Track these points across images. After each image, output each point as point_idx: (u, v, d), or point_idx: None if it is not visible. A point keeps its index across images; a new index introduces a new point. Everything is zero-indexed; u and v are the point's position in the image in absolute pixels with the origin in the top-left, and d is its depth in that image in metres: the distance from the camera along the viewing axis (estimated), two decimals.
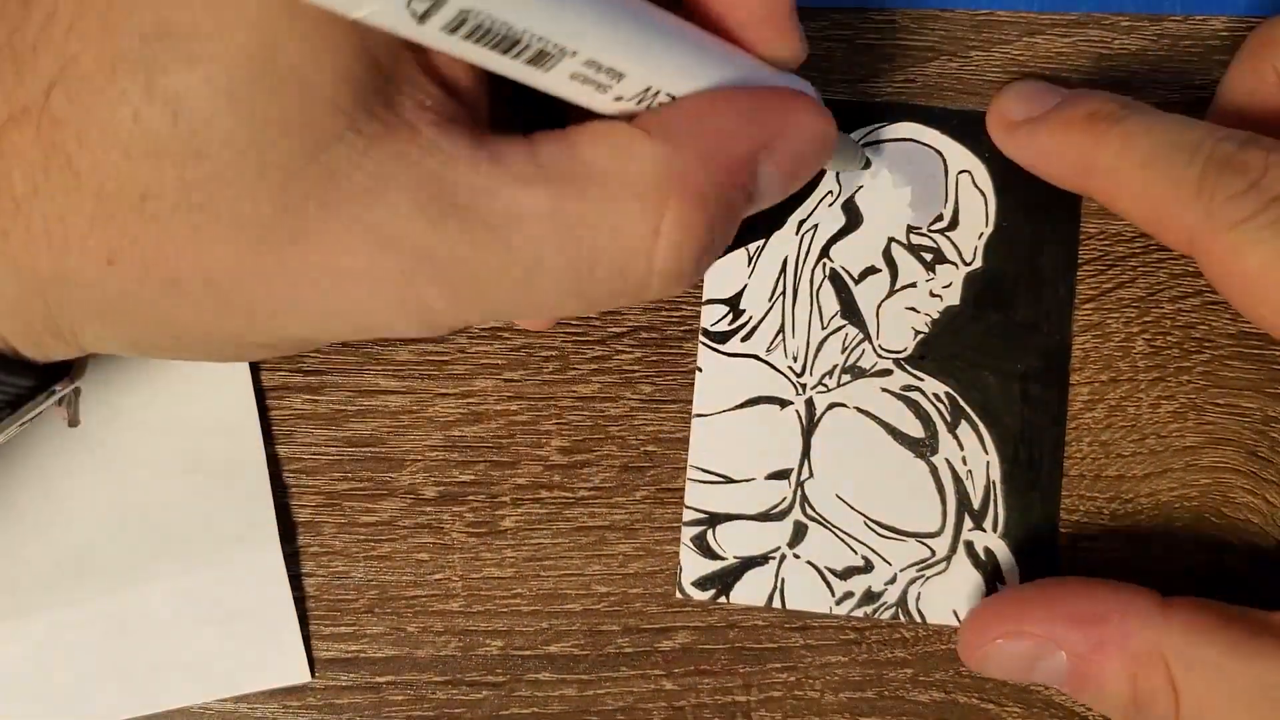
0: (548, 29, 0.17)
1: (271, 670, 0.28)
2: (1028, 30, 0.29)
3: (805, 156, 0.22)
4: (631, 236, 0.19)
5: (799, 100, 0.22)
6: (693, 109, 0.20)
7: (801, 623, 0.28)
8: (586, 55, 0.18)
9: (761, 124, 0.21)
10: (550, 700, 0.28)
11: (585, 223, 0.19)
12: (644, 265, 0.20)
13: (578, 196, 0.19)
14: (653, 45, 0.19)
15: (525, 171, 0.19)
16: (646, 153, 0.19)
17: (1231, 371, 0.28)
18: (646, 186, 0.19)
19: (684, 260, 0.20)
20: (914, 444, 0.28)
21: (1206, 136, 0.24)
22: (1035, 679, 0.26)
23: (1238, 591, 0.28)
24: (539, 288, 0.19)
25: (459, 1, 0.15)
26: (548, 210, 0.19)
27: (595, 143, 0.19)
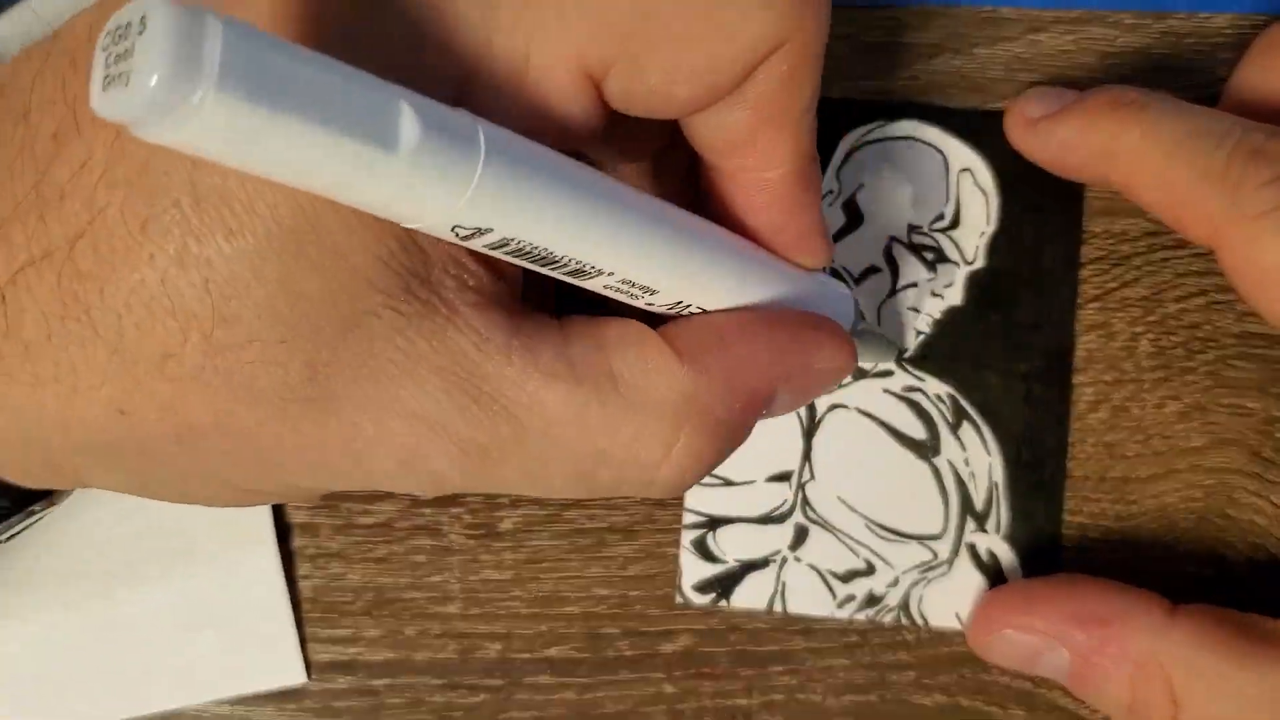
0: (585, 256, 0.18)
1: (268, 672, 0.28)
2: (1031, 27, 0.28)
3: (821, 388, 0.23)
4: (643, 451, 0.20)
5: (825, 336, 0.22)
6: (722, 332, 0.21)
7: (803, 625, 0.28)
8: (621, 275, 0.19)
9: (786, 361, 0.21)
10: (549, 704, 0.28)
11: (603, 429, 0.19)
12: (649, 475, 0.20)
13: (601, 404, 0.19)
14: (685, 271, 0.20)
15: (554, 368, 0.19)
16: (674, 377, 0.20)
17: (1237, 372, 0.28)
18: (668, 410, 0.20)
19: (687, 477, 0.20)
20: (916, 445, 0.28)
21: (1234, 125, 0.24)
22: (1038, 672, 0.26)
23: (1242, 594, 0.28)
24: (546, 478, 0.20)
25: (502, 232, 0.16)
26: (570, 411, 0.19)
27: (626, 352, 0.20)
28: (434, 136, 0.14)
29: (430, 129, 0.14)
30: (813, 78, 0.20)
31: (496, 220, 0.16)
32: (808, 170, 0.21)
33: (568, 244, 0.17)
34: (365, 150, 0.14)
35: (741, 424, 0.21)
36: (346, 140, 0.13)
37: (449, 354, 0.18)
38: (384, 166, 0.14)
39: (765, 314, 0.21)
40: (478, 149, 0.15)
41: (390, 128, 0.14)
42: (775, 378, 0.21)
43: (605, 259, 0.18)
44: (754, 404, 0.21)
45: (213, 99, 0.12)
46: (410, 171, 0.14)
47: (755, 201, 0.21)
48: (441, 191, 0.15)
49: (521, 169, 0.16)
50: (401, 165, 0.14)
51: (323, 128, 0.13)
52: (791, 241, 0.22)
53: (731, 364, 0.20)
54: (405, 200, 0.15)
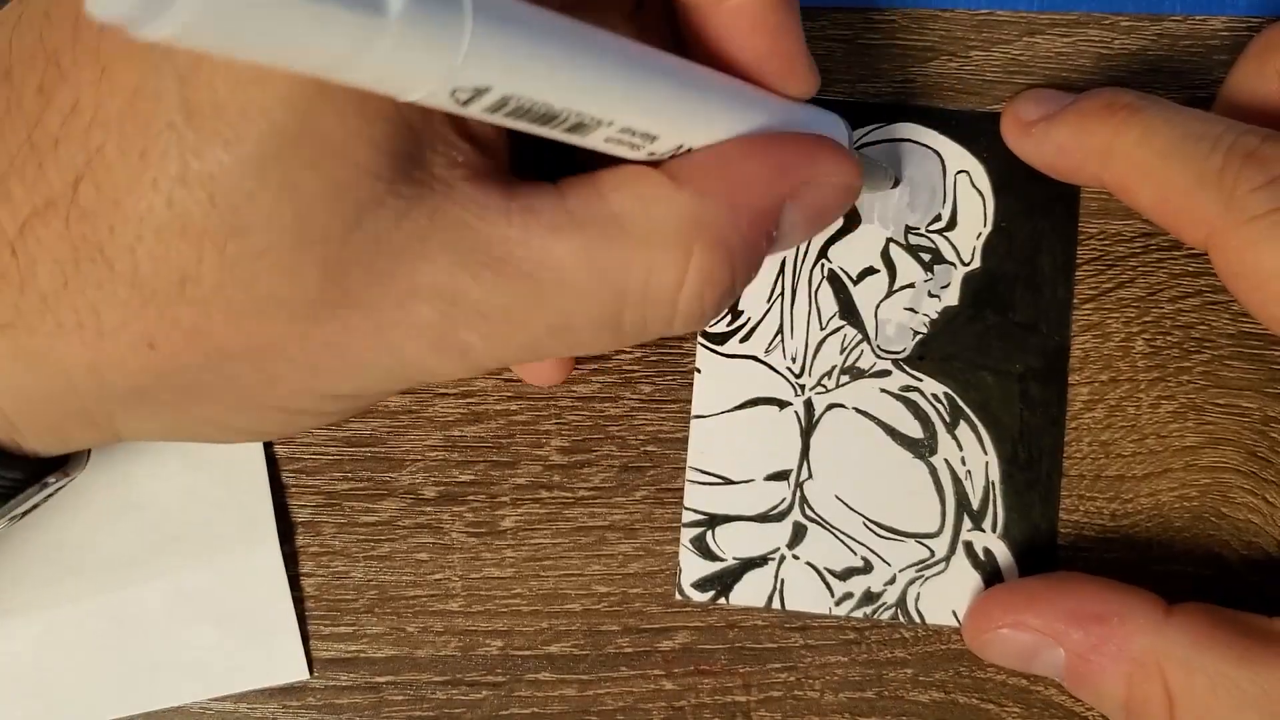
0: (584, 106, 0.18)
1: (270, 668, 0.28)
2: (1028, 30, 0.29)
3: (829, 204, 0.22)
4: (659, 281, 0.20)
5: (825, 149, 0.22)
6: (720, 156, 0.20)
7: (801, 623, 0.28)
8: (621, 124, 0.19)
9: (787, 173, 0.21)
10: (550, 700, 0.28)
11: (615, 268, 0.19)
12: (669, 308, 0.20)
13: (607, 243, 0.19)
14: (684, 109, 0.20)
15: (556, 220, 0.19)
16: (673, 202, 0.20)
17: (1231, 371, 0.28)
18: (673, 235, 0.20)
19: (706, 304, 0.20)
20: (913, 444, 0.28)
21: (1229, 129, 0.24)
22: (1034, 670, 0.26)
23: (1237, 592, 0.28)
24: (572, 328, 0.20)
25: (501, 89, 0.16)
26: (579, 257, 0.19)
27: (623, 190, 0.20)
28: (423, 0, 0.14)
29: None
30: None
31: (494, 77, 0.16)
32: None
33: (566, 95, 0.17)
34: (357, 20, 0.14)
35: (751, 243, 0.21)
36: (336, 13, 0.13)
37: (452, 227, 0.18)
38: (377, 36, 0.14)
39: (763, 136, 0.21)
40: (464, 6, 0.15)
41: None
42: (778, 192, 0.21)
43: (604, 107, 0.18)
44: (761, 221, 0.21)
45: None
46: (403, 36, 0.14)
47: (735, 31, 0.21)
48: (436, 55, 0.15)
49: (511, 23, 0.16)
50: (393, 32, 0.14)
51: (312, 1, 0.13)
52: (777, 71, 0.22)
53: (732, 182, 0.20)
54: (401, 69, 0.15)
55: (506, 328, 0.19)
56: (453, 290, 0.19)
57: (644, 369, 0.29)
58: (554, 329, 0.20)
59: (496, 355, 0.20)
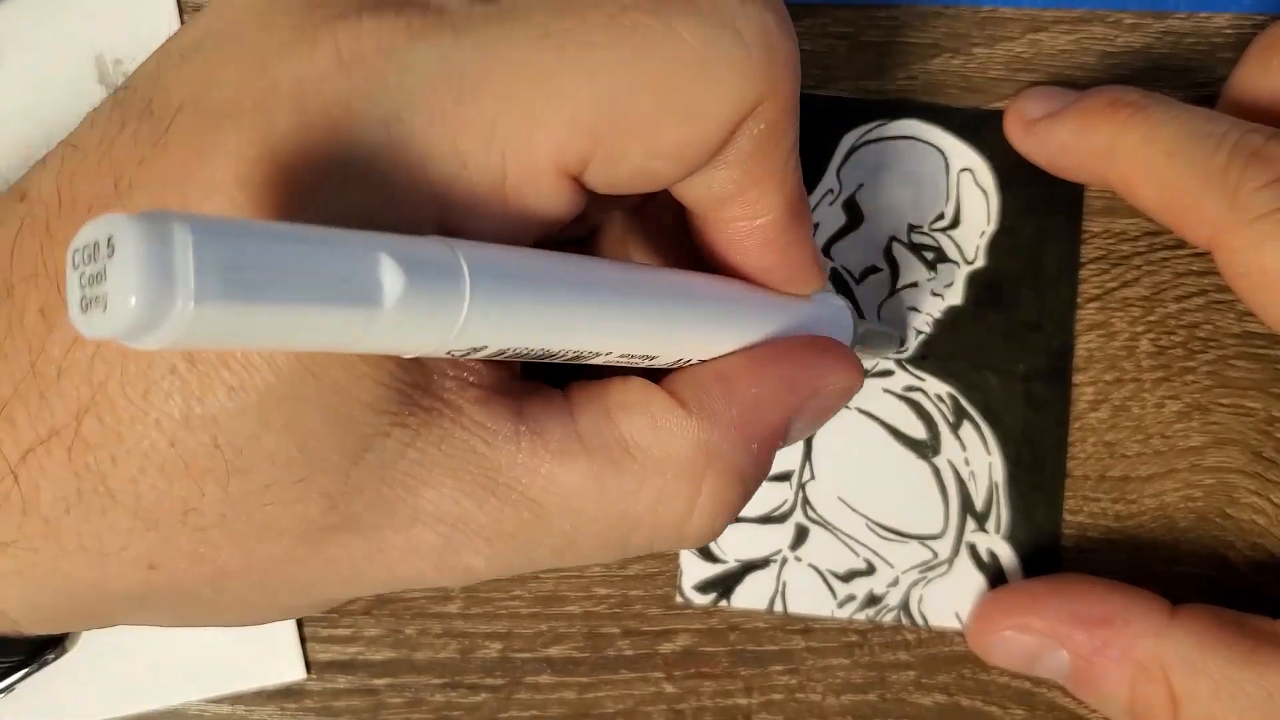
0: (580, 347, 0.18)
1: (268, 668, 0.28)
2: (1031, 27, 0.28)
3: (835, 408, 0.23)
4: (669, 510, 0.20)
5: (830, 358, 0.22)
6: (728, 376, 0.20)
7: (803, 625, 0.28)
8: (619, 353, 0.19)
9: (795, 392, 0.21)
10: (550, 703, 0.28)
11: (624, 496, 0.19)
12: (677, 532, 0.20)
13: (616, 471, 0.19)
14: (680, 333, 0.20)
15: (565, 445, 0.19)
16: (684, 431, 0.20)
17: (1237, 371, 0.28)
18: (685, 465, 0.20)
19: (717, 526, 0.20)
20: (916, 445, 0.28)
21: (1233, 128, 0.24)
22: (1038, 673, 0.26)
23: (1242, 593, 0.28)
24: (576, 551, 0.20)
25: (496, 345, 0.16)
26: (587, 483, 0.19)
27: (633, 415, 0.20)
28: (419, 281, 0.14)
29: (414, 274, 0.14)
30: (791, 128, 0.19)
31: (489, 339, 0.16)
32: (796, 209, 0.21)
33: (561, 342, 0.18)
34: (353, 313, 0.14)
35: (761, 463, 0.21)
36: (333, 309, 0.13)
37: (459, 454, 0.18)
38: (373, 323, 0.14)
39: (766, 349, 0.21)
40: (462, 281, 0.15)
41: (373, 284, 0.14)
42: (788, 410, 0.21)
43: (600, 344, 0.18)
44: (770, 441, 0.21)
45: (193, 308, 0.12)
46: (400, 319, 0.14)
47: (745, 247, 0.21)
48: (433, 328, 0.15)
49: (507, 285, 0.16)
50: (390, 316, 0.14)
51: (308, 304, 0.13)
52: (785, 278, 0.22)
53: (742, 406, 0.20)
54: (399, 343, 0.15)
55: (510, 551, 0.19)
56: (457, 516, 0.19)
57: None
58: (558, 550, 0.20)
59: (498, 573, 0.20)
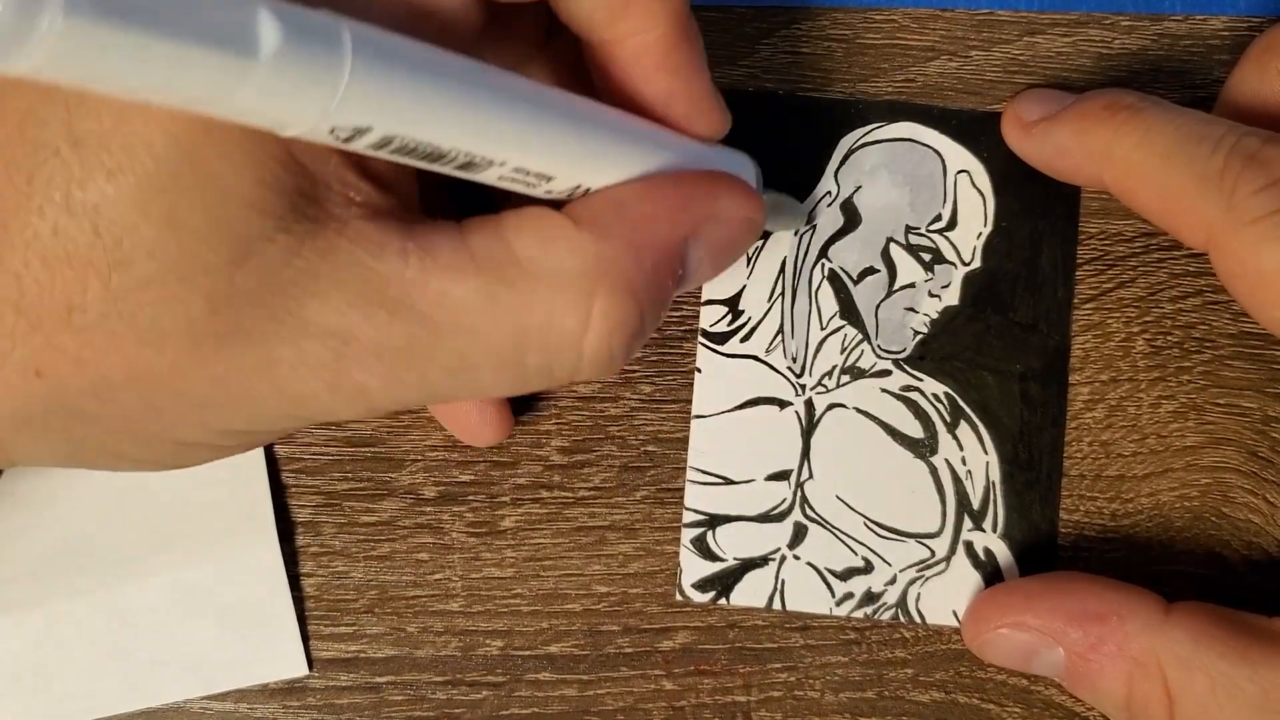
0: (472, 147, 0.18)
1: (270, 664, 0.28)
2: (1028, 30, 0.29)
3: (733, 240, 0.22)
4: (562, 325, 0.20)
5: (726, 185, 0.22)
6: (622, 197, 0.20)
7: (802, 623, 0.28)
8: (514, 164, 0.19)
9: (689, 211, 0.21)
10: (550, 700, 0.28)
11: (516, 311, 0.19)
12: (574, 352, 0.20)
13: (508, 286, 0.19)
14: (578, 150, 0.20)
15: (456, 261, 0.19)
16: (575, 243, 0.20)
17: (1232, 371, 0.28)
18: (575, 277, 0.20)
19: (614, 347, 0.20)
20: (913, 444, 0.28)
21: (1230, 131, 0.24)
22: (1034, 670, 0.26)
23: (1238, 592, 0.28)
24: (472, 371, 0.20)
25: (382, 129, 0.16)
26: (478, 299, 0.19)
27: (525, 232, 0.20)
28: (296, 38, 0.14)
29: (291, 31, 0.14)
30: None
31: (373, 118, 0.16)
32: (687, 30, 0.21)
33: (452, 136, 0.17)
34: (225, 60, 0.13)
35: (656, 283, 0.21)
36: (204, 51, 0.13)
37: (346, 266, 0.18)
38: (247, 75, 0.14)
39: (662, 175, 0.21)
40: (344, 47, 0.15)
41: (249, 35, 0.14)
42: (680, 230, 0.21)
43: (493, 148, 0.18)
44: (665, 260, 0.21)
45: (61, 22, 0.12)
46: (275, 77, 0.14)
47: (640, 70, 0.21)
48: (311, 94, 0.15)
49: (393, 63, 0.16)
50: (265, 71, 0.14)
51: (178, 41, 0.13)
52: (684, 111, 0.22)
53: (633, 222, 0.20)
54: (275, 106, 0.15)
55: (403, 369, 0.19)
56: (346, 330, 0.18)
57: (644, 369, 0.29)
58: (452, 370, 0.20)
59: (395, 397, 0.20)
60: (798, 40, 0.29)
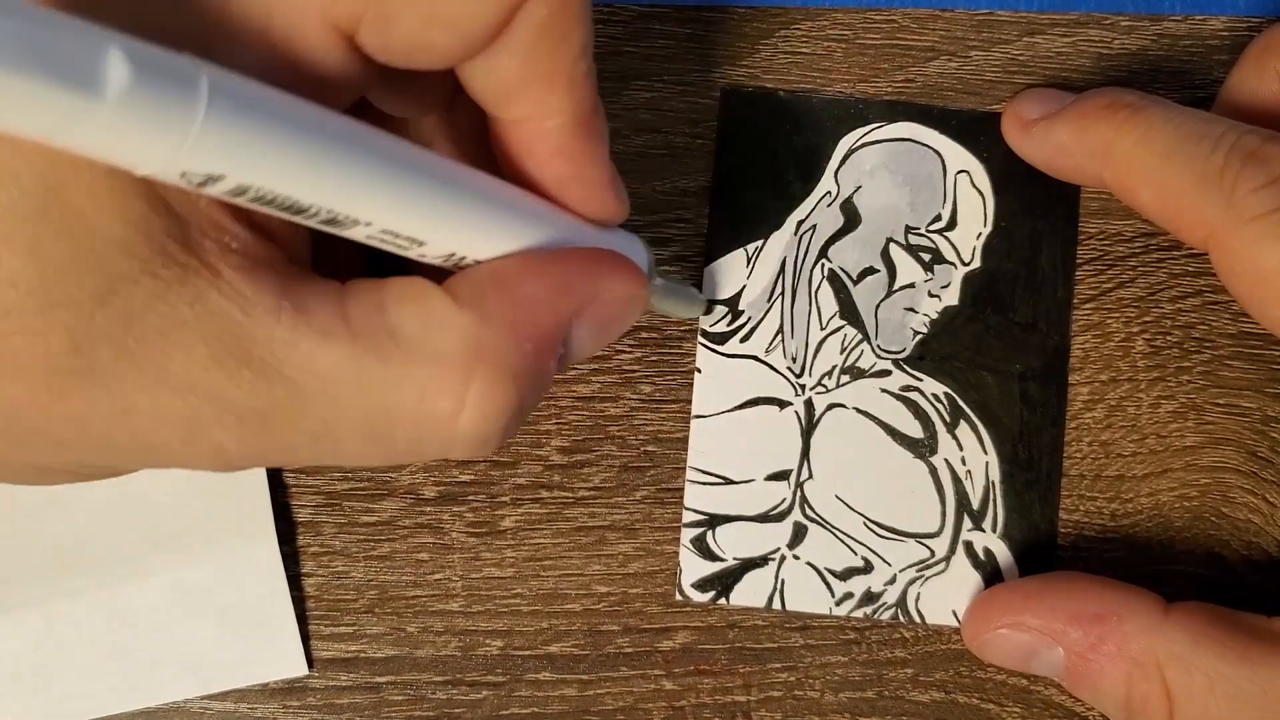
0: (334, 205, 0.17)
1: (270, 664, 0.28)
2: (1028, 30, 0.29)
3: (616, 320, 0.22)
4: (434, 405, 0.19)
5: (609, 264, 0.21)
6: (504, 275, 0.20)
7: (801, 623, 0.28)
8: (380, 225, 0.18)
9: (573, 292, 0.21)
10: (550, 700, 0.28)
11: (387, 385, 0.19)
12: (447, 431, 0.19)
13: (381, 359, 0.19)
14: (451, 218, 0.19)
15: (329, 326, 0.18)
16: (455, 324, 0.19)
17: (1231, 371, 0.28)
18: (453, 358, 0.19)
19: (489, 429, 0.20)
20: (913, 444, 0.28)
21: (1230, 130, 0.24)
22: (1033, 670, 0.26)
23: (1237, 592, 0.28)
24: (336, 440, 0.19)
25: (235, 178, 0.16)
26: (349, 368, 0.18)
27: (405, 305, 0.19)
28: (149, 80, 0.14)
29: (144, 73, 0.14)
30: (577, 25, 0.19)
31: (227, 166, 0.15)
32: (589, 121, 0.20)
33: (310, 191, 0.17)
34: (67, 96, 0.13)
35: (537, 366, 0.20)
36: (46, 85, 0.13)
37: (213, 318, 0.18)
38: (91, 112, 0.13)
39: (546, 253, 0.21)
40: (199, 92, 0.15)
41: (95, 72, 0.13)
42: (563, 313, 0.20)
43: (355, 207, 0.17)
44: (546, 343, 0.20)
45: None
46: (122, 116, 0.14)
47: (538, 152, 0.21)
48: (161, 136, 0.14)
49: (252, 113, 0.15)
50: (110, 110, 0.14)
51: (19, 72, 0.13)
52: (580, 195, 0.21)
53: (515, 304, 0.20)
54: (123, 146, 0.14)
55: (262, 432, 0.18)
56: (206, 386, 0.18)
57: (644, 369, 0.29)
58: (315, 437, 0.19)
59: (252, 458, 0.19)
60: (798, 40, 0.29)
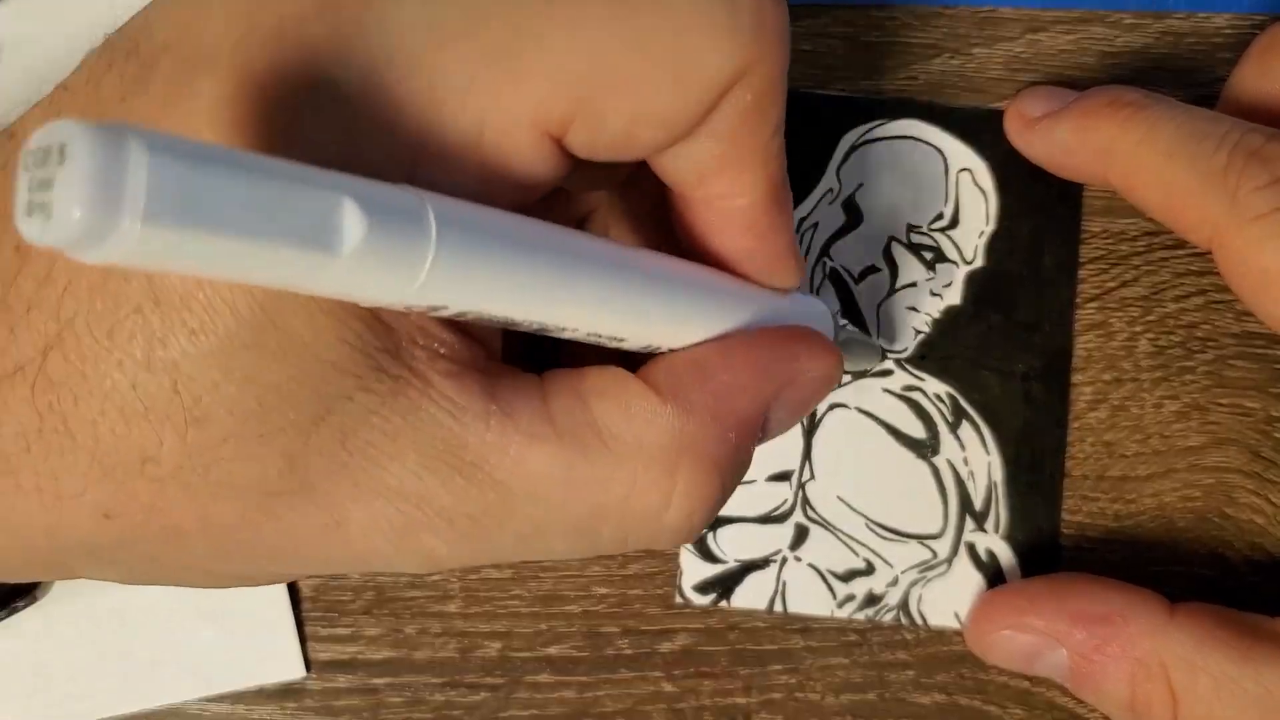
0: (544, 319, 0.18)
1: (267, 665, 0.28)
2: (1031, 27, 0.29)
3: (813, 397, 0.22)
4: (643, 501, 0.19)
5: (806, 344, 0.21)
6: (703, 363, 0.20)
7: (802, 625, 0.28)
8: (586, 330, 0.18)
9: (771, 378, 0.21)
10: (549, 702, 0.28)
11: (595, 485, 0.19)
12: (654, 526, 0.20)
13: (588, 458, 0.19)
14: (649, 316, 0.19)
15: (536, 428, 0.19)
16: (659, 417, 0.19)
17: (1235, 371, 0.28)
18: (659, 453, 0.19)
19: (695, 521, 0.20)
20: (915, 445, 0.28)
21: (1233, 128, 0.24)
22: (1037, 671, 0.26)
23: (1240, 593, 0.28)
24: (544, 539, 0.19)
25: (459, 305, 0.16)
26: (557, 469, 0.19)
27: (608, 400, 0.19)
28: (380, 229, 0.14)
29: (376, 222, 0.14)
30: (777, 104, 0.19)
31: (452, 298, 0.16)
32: (778, 194, 0.20)
33: (526, 311, 0.17)
34: (307, 256, 0.13)
35: (739, 453, 0.20)
36: (286, 249, 0.13)
37: (426, 428, 0.18)
38: (328, 268, 0.14)
39: (741, 337, 0.21)
40: (428, 233, 0.15)
41: (332, 228, 0.13)
42: (764, 398, 0.21)
43: (566, 319, 0.18)
44: (748, 430, 0.20)
45: (140, 229, 0.12)
46: (358, 267, 0.14)
47: (726, 229, 0.21)
48: (393, 280, 0.15)
49: (474, 248, 0.16)
50: (347, 263, 0.14)
51: (259, 240, 0.13)
52: (763, 266, 0.21)
53: (717, 394, 0.20)
54: (359, 291, 0.15)
55: (473, 535, 0.19)
56: (419, 493, 0.18)
57: None
58: (523, 538, 0.19)
59: (461, 560, 0.19)
60: (798, 38, 0.29)
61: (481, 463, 0.18)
